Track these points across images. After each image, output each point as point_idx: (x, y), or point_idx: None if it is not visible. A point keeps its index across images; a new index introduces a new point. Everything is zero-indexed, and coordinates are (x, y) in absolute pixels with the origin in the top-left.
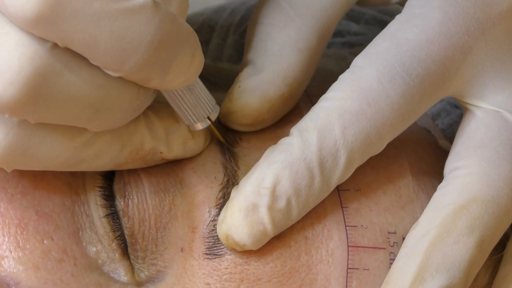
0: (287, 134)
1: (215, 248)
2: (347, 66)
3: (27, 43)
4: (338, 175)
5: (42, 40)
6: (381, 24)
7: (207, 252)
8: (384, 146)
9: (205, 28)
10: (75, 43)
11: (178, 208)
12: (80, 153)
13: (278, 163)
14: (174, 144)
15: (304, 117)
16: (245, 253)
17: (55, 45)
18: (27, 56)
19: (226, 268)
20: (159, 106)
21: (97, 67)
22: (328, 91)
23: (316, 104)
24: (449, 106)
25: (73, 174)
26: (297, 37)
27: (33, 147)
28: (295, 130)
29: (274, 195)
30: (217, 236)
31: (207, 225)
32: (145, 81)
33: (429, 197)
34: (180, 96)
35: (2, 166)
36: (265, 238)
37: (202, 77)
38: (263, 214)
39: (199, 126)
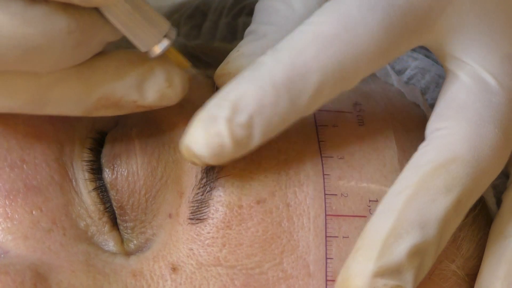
0: None
1: (198, 213)
2: None
3: None
4: (306, 98)
5: None
6: None
7: (191, 217)
8: (358, 80)
9: (199, 12)
10: None
11: (169, 175)
12: (43, 94)
13: (245, 78)
14: (149, 92)
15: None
16: (227, 217)
17: None
18: None
19: (208, 233)
20: (132, 53)
21: (17, 2)
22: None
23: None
24: (438, 77)
25: (61, 150)
26: (302, 11)
27: None
28: (269, 50)
29: (235, 108)
30: (201, 199)
31: (192, 189)
32: None
33: None
34: (128, 17)
35: None
36: (224, 152)
37: (195, 56)
38: (222, 126)
39: (157, 49)
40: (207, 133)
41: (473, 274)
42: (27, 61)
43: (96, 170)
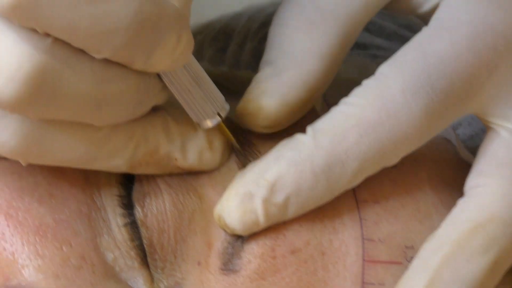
0: None
1: (230, 264)
2: (368, 75)
3: (26, 39)
4: (344, 183)
5: (41, 36)
6: (402, 39)
7: (223, 267)
8: (399, 159)
9: (222, 35)
10: (55, 29)
11: (198, 223)
12: (94, 150)
13: (285, 159)
14: (190, 152)
15: (321, 117)
16: (261, 268)
17: (55, 41)
18: (26, 52)
19: (242, 284)
20: (178, 112)
21: (97, 61)
22: (349, 95)
23: (336, 106)
24: (470, 116)
25: (87, 180)
26: (320, 43)
27: (48, 139)
28: (310, 129)
29: (272, 189)
30: (232, 252)
31: (222, 242)
32: (129, 63)
33: (448, 210)
34: (188, 89)
35: (18, 158)
36: (256, 227)
37: (219, 84)
38: (257, 205)
39: (209, 123)
40: (242, 210)
41: None
42: (96, 114)
43: (127, 205)
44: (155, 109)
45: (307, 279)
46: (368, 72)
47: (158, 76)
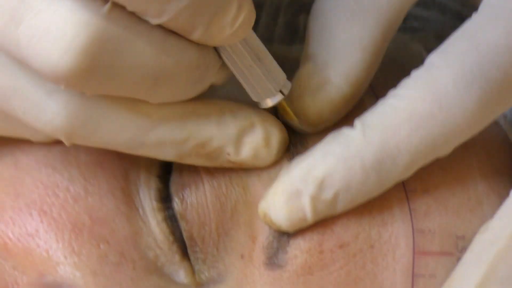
0: None
1: (275, 259)
2: (408, 54)
3: (82, 6)
4: (395, 177)
5: (98, 1)
6: (440, 6)
7: (267, 262)
8: (451, 150)
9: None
10: None
11: (241, 215)
12: (142, 135)
13: (333, 155)
14: (245, 148)
15: (370, 109)
16: (308, 263)
17: (113, 8)
18: (82, 21)
19: (289, 279)
20: (237, 106)
21: (157, 31)
22: (399, 86)
23: (385, 99)
24: None
25: (126, 177)
26: (361, 34)
27: (94, 120)
28: (358, 123)
29: (321, 186)
30: (276, 247)
31: (267, 237)
32: (188, 31)
33: (500, 198)
34: (248, 66)
35: (61, 137)
36: (303, 224)
37: None
38: (305, 202)
39: (269, 102)
40: (290, 207)
41: None
42: (154, 90)
43: (165, 199)
44: (212, 98)
45: (355, 273)
46: (408, 51)
47: (217, 52)
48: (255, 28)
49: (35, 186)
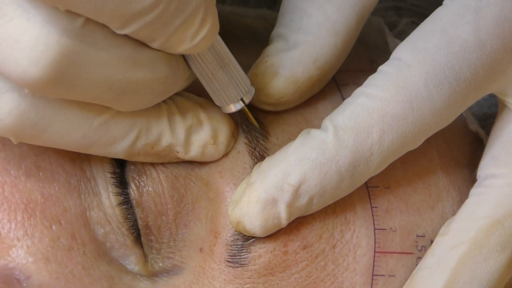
0: (315, 126)
1: (238, 257)
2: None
3: (56, 20)
4: (366, 177)
5: (70, 17)
6: None
7: (230, 259)
8: (420, 144)
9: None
10: (80, 8)
11: (203, 210)
12: (93, 135)
13: (308, 161)
14: (193, 146)
15: (339, 109)
16: (271, 264)
17: (85, 23)
18: (54, 34)
19: (249, 278)
20: (186, 104)
21: (129, 43)
22: (368, 84)
23: (355, 98)
24: None
25: (78, 154)
26: (335, 17)
27: (45, 120)
28: (330, 125)
29: (297, 194)
30: (241, 245)
31: (232, 234)
32: (148, 40)
33: (459, 192)
34: (212, 73)
35: (9, 137)
36: (277, 229)
37: (222, 27)
38: (281, 210)
39: (232, 108)
40: (265, 216)
41: None
42: (119, 100)
43: (121, 184)
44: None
45: (316, 274)
46: (367, 24)
47: (185, 61)
48: None
49: None
